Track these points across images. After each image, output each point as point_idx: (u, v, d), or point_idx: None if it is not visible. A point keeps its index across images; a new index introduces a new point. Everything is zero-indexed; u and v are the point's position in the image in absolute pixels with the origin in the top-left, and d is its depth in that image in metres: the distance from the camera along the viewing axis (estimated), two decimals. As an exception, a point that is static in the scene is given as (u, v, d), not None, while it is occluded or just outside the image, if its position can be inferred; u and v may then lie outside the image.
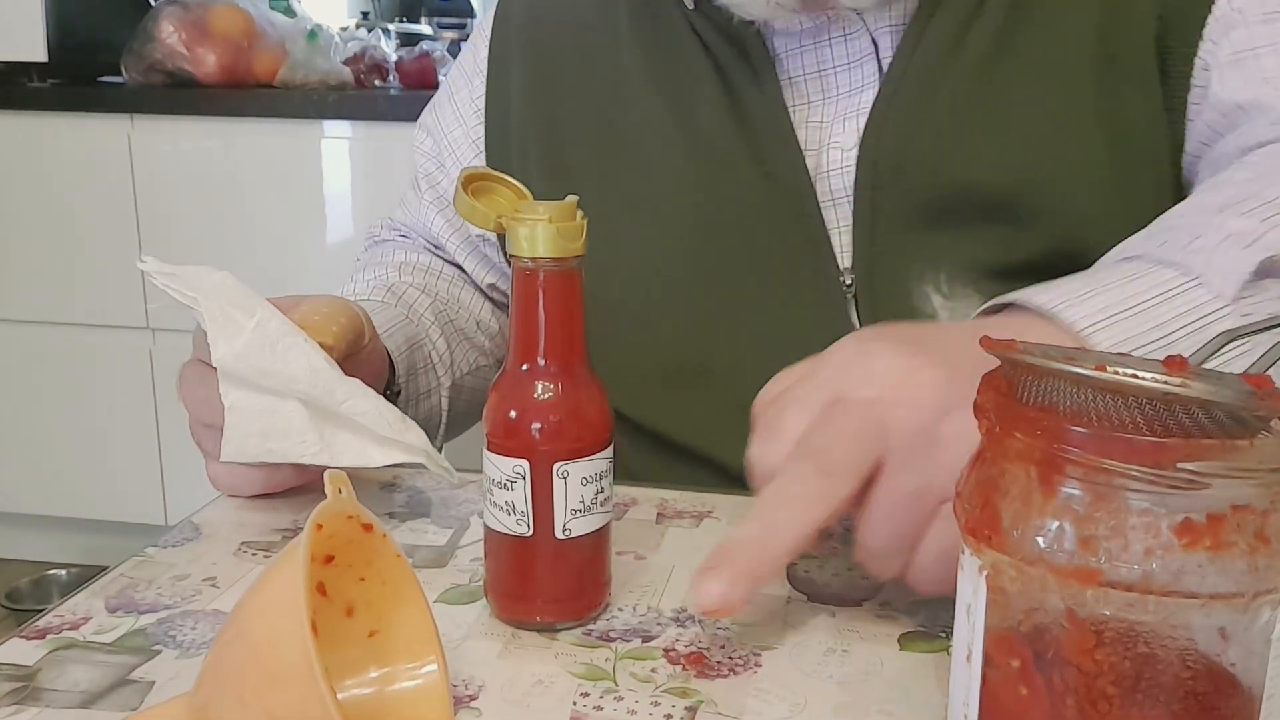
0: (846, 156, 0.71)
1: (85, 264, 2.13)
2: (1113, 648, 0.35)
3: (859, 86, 0.72)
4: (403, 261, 0.89)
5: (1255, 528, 0.33)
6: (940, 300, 0.69)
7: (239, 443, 0.60)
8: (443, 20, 2.88)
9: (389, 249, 0.92)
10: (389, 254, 0.91)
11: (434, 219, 0.91)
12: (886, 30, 0.71)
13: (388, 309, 0.80)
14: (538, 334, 0.51)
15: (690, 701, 0.47)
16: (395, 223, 0.96)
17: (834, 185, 0.72)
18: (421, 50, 2.25)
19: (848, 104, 0.72)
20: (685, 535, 0.64)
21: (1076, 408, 0.35)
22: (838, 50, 0.72)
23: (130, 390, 2.17)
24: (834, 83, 0.72)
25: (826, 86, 0.73)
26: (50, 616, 0.54)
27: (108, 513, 2.24)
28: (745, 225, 0.73)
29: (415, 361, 0.79)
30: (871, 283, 0.70)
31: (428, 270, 0.89)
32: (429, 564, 0.60)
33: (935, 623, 0.54)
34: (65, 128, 2.09)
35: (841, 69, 0.72)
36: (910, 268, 0.70)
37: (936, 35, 0.69)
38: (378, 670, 0.45)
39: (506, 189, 0.54)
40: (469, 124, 0.87)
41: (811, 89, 0.73)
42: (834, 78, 0.72)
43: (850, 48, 0.71)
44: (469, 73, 0.88)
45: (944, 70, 0.69)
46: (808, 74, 0.73)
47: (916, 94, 0.69)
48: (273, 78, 2.14)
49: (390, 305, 0.81)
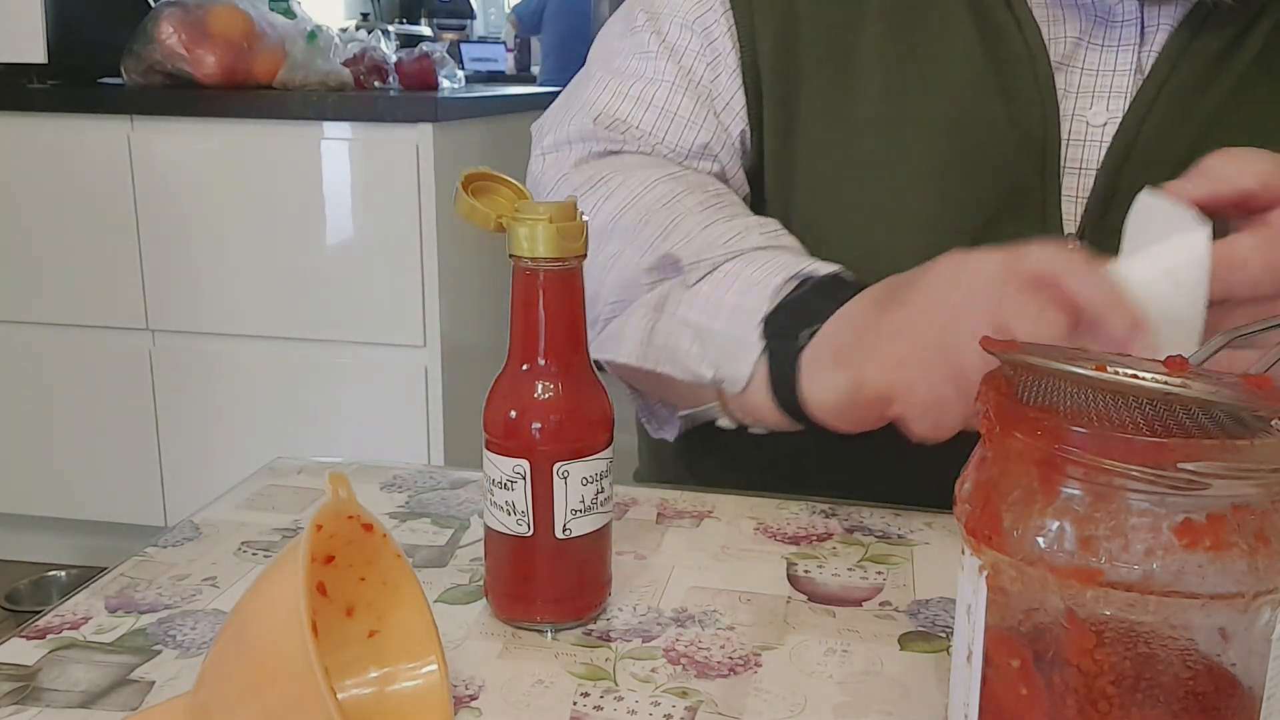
0: (1093, 132, 0.73)
1: (85, 264, 2.13)
2: (1113, 648, 0.35)
3: (1111, 69, 0.73)
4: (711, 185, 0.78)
5: (1255, 528, 0.33)
6: None
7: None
8: (442, 22, 2.89)
9: (659, 168, 0.78)
10: (707, 178, 0.78)
11: (706, 118, 0.79)
12: (1167, 27, 0.72)
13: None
14: (538, 334, 0.51)
15: (690, 701, 0.47)
16: (622, 122, 0.80)
17: (1071, 154, 0.73)
18: (421, 51, 2.25)
19: (1097, 81, 0.73)
20: (685, 535, 0.64)
21: (1077, 408, 0.35)
22: (1099, 29, 0.73)
23: (130, 390, 2.17)
24: (1086, 55, 0.74)
25: (1077, 56, 0.74)
26: (50, 616, 0.54)
27: (107, 513, 2.23)
28: (982, 167, 0.73)
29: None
30: (1099, 252, 0.72)
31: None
32: (429, 564, 0.60)
33: (935, 623, 0.54)
34: (65, 129, 2.09)
35: (1096, 47, 0.73)
36: None
37: (1207, 45, 0.71)
38: (378, 670, 0.45)
39: (507, 189, 0.54)
40: (723, 26, 0.78)
41: (1066, 53, 0.74)
42: (1087, 51, 0.73)
43: (1112, 32, 0.73)
44: None
45: (1210, 77, 0.71)
46: (1069, 38, 0.74)
47: (1182, 97, 0.71)
48: (272, 79, 2.14)
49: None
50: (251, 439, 2.15)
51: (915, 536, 0.64)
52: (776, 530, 0.64)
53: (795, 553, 0.62)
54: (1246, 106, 0.71)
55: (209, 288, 2.11)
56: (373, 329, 2.08)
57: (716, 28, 0.78)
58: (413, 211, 2.01)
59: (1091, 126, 0.73)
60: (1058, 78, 0.73)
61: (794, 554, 0.61)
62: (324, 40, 2.17)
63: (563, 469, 0.51)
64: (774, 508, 0.68)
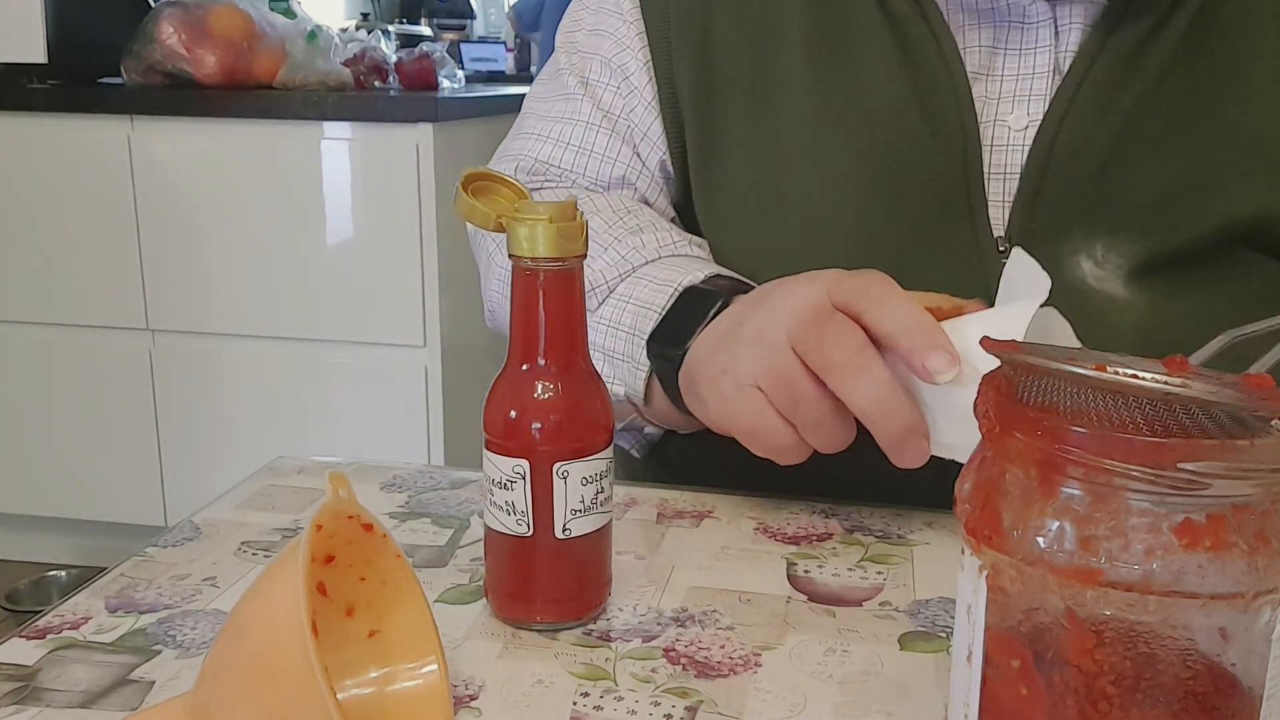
0: (1014, 136, 0.73)
1: (85, 264, 2.13)
2: (1113, 648, 0.35)
3: (1029, 73, 0.74)
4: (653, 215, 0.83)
5: (1255, 528, 0.33)
6: (1090, 267, 0.72)
7: None
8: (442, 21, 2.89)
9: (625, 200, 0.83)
10: (617, 198, 0.82)
11: (620, 151, 0.82)
12: (1076, 27, 0.73)
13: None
14: (538, 334, 0.51)
15: (690, 701, 0.47)
16: (540, 164, 0.84)
17: (995, 160, 0.74)
18: (421, 51, 2.25)
19: (1017, 86, 0.74)
20: (685, 535, 0.64)
21: (1077, 408, 0.35)
22: (1014, 34, 0.74)
23: (130, 390, 2.17)
24: (1003, 62, 0.74)
25: (994, 64, 0.74)
26: (50, 616, 0.54)
27: (107, 513, 2.24)
28: (906, 180, 0.74)
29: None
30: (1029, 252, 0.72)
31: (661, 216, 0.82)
32: (429, 564, 0.60)
33: (935, 623, 0.54)
34: (65, 129, 2.09)
35: (1013, 52, 0.74)
36: (1065, 245, 0.72)
37: (1123, 41, 0.71)
38: (378, 670, 0.45)
39: (507, 189, 0.54)
40: (635, 48, 0.82)
41: (982, 62, 0.75)
42: (1004, 58, 0.74)
43: (1028, 35, 0.73)
44: (620, 9, 0.83)
45: (1128, 72, 0.71)
46: (982, 46, 0.74)
47: (1100, 95, 0.72)
48: (272, 79, 2.14)
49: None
50: (251, 439, 2.15)
51: (915, 536, 0.64)
52: (776, 530, 0.65)
53: (795, 553, 0.62)
54: (1167, 100, 0.71)
55: (209, 288, 2.11)
56: (373, 329, 2.08)
57: (633, 63, 0.81)
58: (413, 211, 2.01)
59: (1013, 131, 0.73)
60: (977, 86, 0.74)
61: (794, 554, 0.61)
62: (324, 40, 2.17)
63: (562, 469, 0.51)
64: (774, 508, 0.68)
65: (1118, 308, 0.71)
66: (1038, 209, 0.72)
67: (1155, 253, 0.71)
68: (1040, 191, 0.72)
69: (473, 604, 0.55)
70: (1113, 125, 0.72)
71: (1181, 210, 0.71)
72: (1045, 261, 0.72)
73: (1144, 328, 0.70)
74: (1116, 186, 0.72)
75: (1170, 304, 0.71)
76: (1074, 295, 0.71)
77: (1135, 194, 0.72)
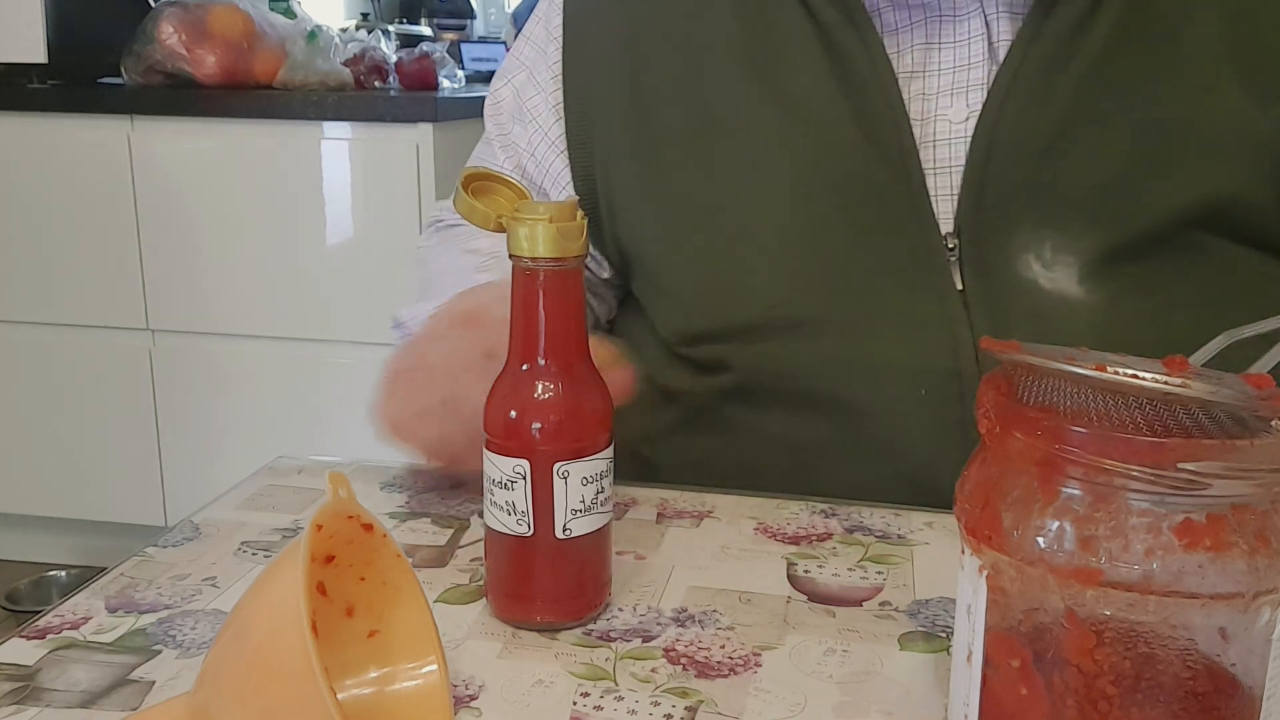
0: (956, 129, 0.73)
1: (85, 264, 2.13)
2: (1113, 648, 0.35)
3: (965, 64, 0.74)
4: (491, 248, 0.86)
5: (1255, 528, 0.33)
6: (1040, 268, 0.71)
7: None
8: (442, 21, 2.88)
9: (466, 233, 0.88)
10: (471, 239, 0.86)
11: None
12: (1005, 14, 0.73)
13: None
14: (538, 334, 0.51)
15: (690, 701, 0.47)
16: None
17: (939, 155, 0.74)
18: (421, 51, 2.24)
19: (954, 79, 0.74)
20: (685, 535, 0.64)
21: (1077, 408, 0.35)
22: (946, 27, 0.74)
23: (130, 391, 2.17)
24: (938, 57, 0.74)
25: (930, 60, 0.74)
26: (50, 616, 0.54)
27: (107, 513, 2.23)
28: (846, 184, 0.74)
29: None
30: (976, 249, 0.72)
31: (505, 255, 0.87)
32: (429, 564, 0.60)
33: (935, 623, 0.54)
34: (65, 129, 2.09)
35: (948, 45, 0.74)
36: (1013, 238, 0.72)
37: (1058, 25, 0.71)
38: (378, 670, 0.45)
39: (507, 189, 0.54)
40: (547, 90, 0.85)
41: (917, 60, 0.74)
42: (939, 52, 0.74)
43: (960, 27, 0.73)
44: (541, 42, 0.86)
45: (1065, 60, 0.71)
46: (915, 45, 0.74)
47: (1037, 80, 0.72)
48: (272, 79, 2.14)
49: None
50: (251, 439, 2.15)
51: (915, 536, 0.64)
52: (776, 530, 0.64)
53: (795, 552, 0.62)
54: (1106, 83, 0.71)
55: (209, 287, 2.11)
56: (373, 329, 2.08)
57: (542, 106, 0.85)
58: (413, 211, 2.01)
59: (954, 124, 0.73)
60: (914, 84, 0.74)
61: (794, 554, 0.61)
62: (324, 40, 2.17)
63: (563, 469, 0.51)
64: (774, 508, 0.68)
65: (1073, 309, 0.70)
66: (984, 200, 0.72)
67: (1108, 245, 0.71)
68: (985, 182, 0.72)
69: (473, 604, 0.55)
70: (1053, 109, 0.71)
71: (1131, 196, 0.71)
72: (996, 260, 0.72)
73: (1102, 329, 0.70)
74: (1061, 171, 0.71)
75: (1128, 302, 0.70)
76: (1027, 298, 0.70)
77: (1081, 178, 0.71)
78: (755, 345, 0.75)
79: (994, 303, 0.71)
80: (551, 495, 0.51)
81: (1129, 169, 0.71)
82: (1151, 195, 0.71)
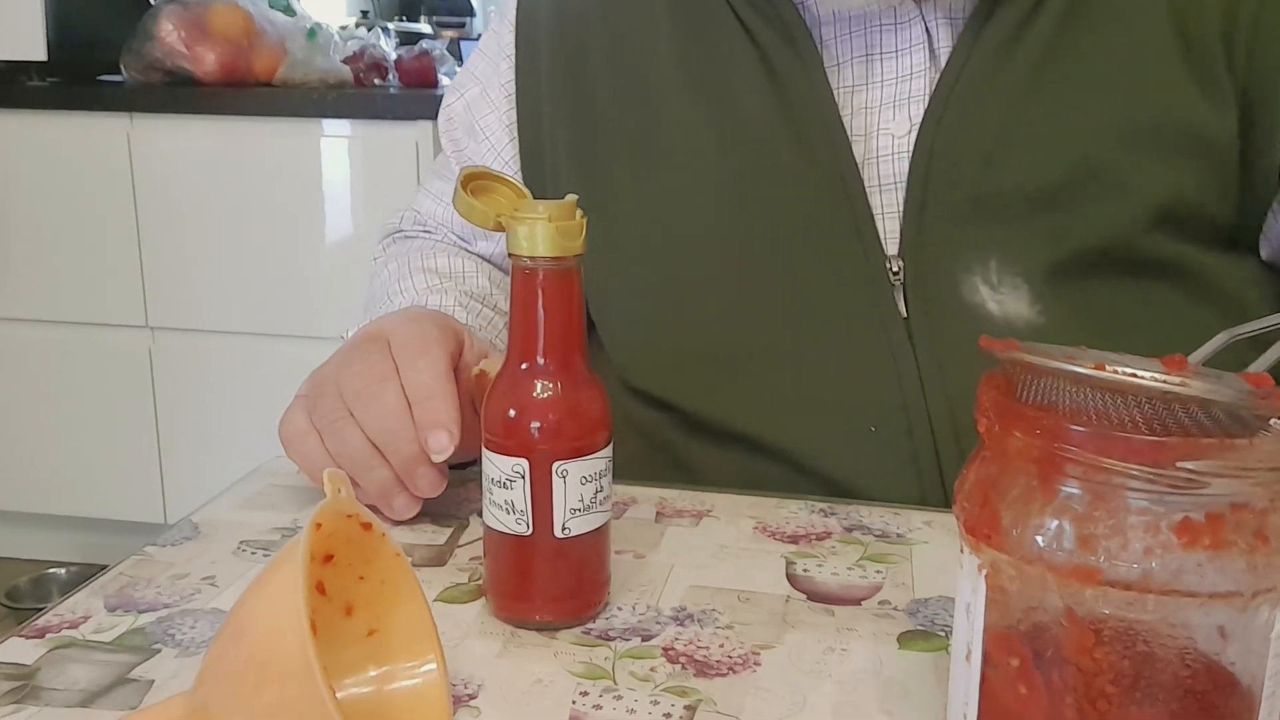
0: (898, 143, 0.71)
1: (85, 263, 2.13)
2: (1112, 646, 0.35)
3: (907, 74, 0.72)
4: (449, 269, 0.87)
5: (1254, 527, 0.33)
6: (988, 291, 0.69)
7: None
8: (442, 19, 2.88)
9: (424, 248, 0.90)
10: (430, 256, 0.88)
11: None
12: (945, 21, 0.71)
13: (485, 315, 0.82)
14: (537, 333, 0.51)
15: (690, 701, 0.47)
16: (421, 215, 0.94)
17: (883, 171, 0.72)
18: (421, 49, 2.24)
19: (896, 90, 0.72)
20: (685, 535, 0.64)
21: (1076, 406, 0.35)
22: (887, 37, 0.72)
23: (129, 389, 2.17)
24: (880, 69, 0.72)
25: (872, 72, 0.73)
26: (50, 615, 0.54)
27: (107, 511, 2.23)
28: (786, 210, 0.72)
29: None
30: (919, 270, 0.70)
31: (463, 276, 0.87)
32: (428, 563, 0.60)
33: (934, 622, 0.54)
34: (65, 127, 2.09)
35: (889, 55, 0.72)
36: (958, 258, 0.70)
37: (997, 30, 0.69)
38: (377, 669, 0.45)
39: (506, 188, 0.54)
40: (500, 108, 0.85)
41: (858, 73, 0.73)
42: (880, 64, 0.72)
43: (901, 35, 0.72)
44: (494, 57, 0.87)
45: (1004, 65, 0.70)
46: (855, 58, 0.73)
47: (976, 87, 0.70)
48: (272, 76, 2.14)
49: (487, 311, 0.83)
50: (251, 437, 2.15)
51: (914, 535, 0.64)
52: (775, 529, 0.64)
53: (794, 552, 0.62)
54: (1045, 89, 0.69)
55: (209, 285, 2.11)
56: (372, 327, 2.08)
57: (496, 125, 0.86)
58: (412, 210, 2.01)
59: (896, 138, 0.72)
60: (857, 98, 0.73)
61: (793, 553, 0.61)
62: (324, 38, 2.17)
63: (562, 468, 0.51)
64: (773, 507, 0.68)
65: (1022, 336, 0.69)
66: (925, 218, 0.70)
67: (1054, 261, 0.68)
68: (926, 198, 0.70)
69: (472, 603, 0.55)
70: (992, 117, 0.69)
71: (1076, 207, 0.68)
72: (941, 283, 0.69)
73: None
74: (1003, 182, 0.69)
75: (1083, 324, 0.68)
76: (975, 324, 0.68)
77: (1023, 188, 0.69)
78: (697, 380, 0.74)
79: (939, 330, 0.69)
80: (550, 494, 0.51)
81: (1071, 177, 0.68)
82: (1098, 204, 0.68)
